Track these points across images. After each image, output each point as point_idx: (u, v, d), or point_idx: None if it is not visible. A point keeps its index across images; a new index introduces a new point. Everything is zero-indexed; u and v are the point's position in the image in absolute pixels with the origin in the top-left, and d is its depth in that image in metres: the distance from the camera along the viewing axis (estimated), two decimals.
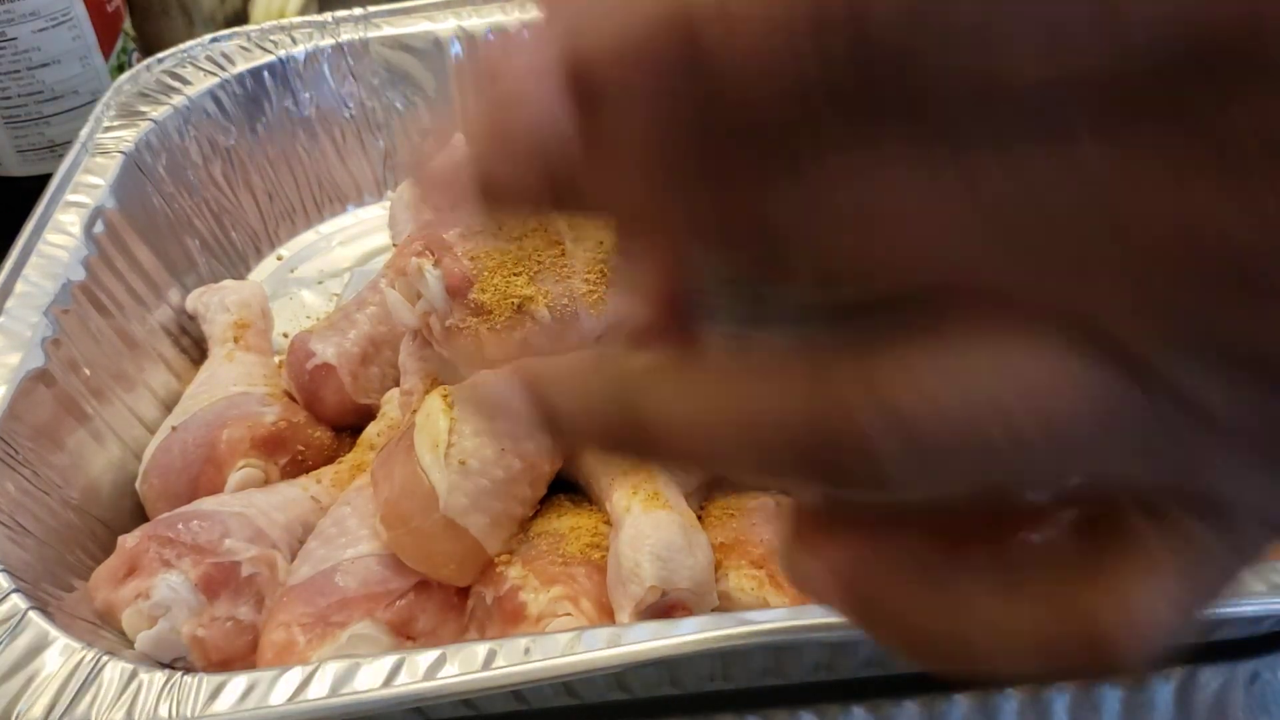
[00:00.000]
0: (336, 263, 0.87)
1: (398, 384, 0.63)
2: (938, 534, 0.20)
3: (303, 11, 1.09)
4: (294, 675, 0.44)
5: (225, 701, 0.44)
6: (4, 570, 0.51)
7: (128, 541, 0.54)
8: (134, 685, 0.45)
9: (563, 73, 0.16)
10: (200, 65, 0.85)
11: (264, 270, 0.86)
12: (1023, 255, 0.16)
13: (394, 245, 0.78)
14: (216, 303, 0.74)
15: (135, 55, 0.96)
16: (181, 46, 0.86)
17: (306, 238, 0.89)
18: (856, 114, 0.15)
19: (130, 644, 0.53)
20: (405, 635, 0.52)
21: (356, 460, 0.63)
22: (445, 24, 0.89)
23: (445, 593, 0.53)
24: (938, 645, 0.20)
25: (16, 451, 0.57)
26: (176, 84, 0.83)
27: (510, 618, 0.50)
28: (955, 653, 0.20)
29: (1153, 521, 0.18)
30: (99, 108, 0.80)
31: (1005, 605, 0.19)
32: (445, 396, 0.54)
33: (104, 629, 0.53)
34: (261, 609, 0.54)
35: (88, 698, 0.45)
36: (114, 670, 0.46)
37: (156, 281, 0.75)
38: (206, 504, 0.57)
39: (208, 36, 0.87)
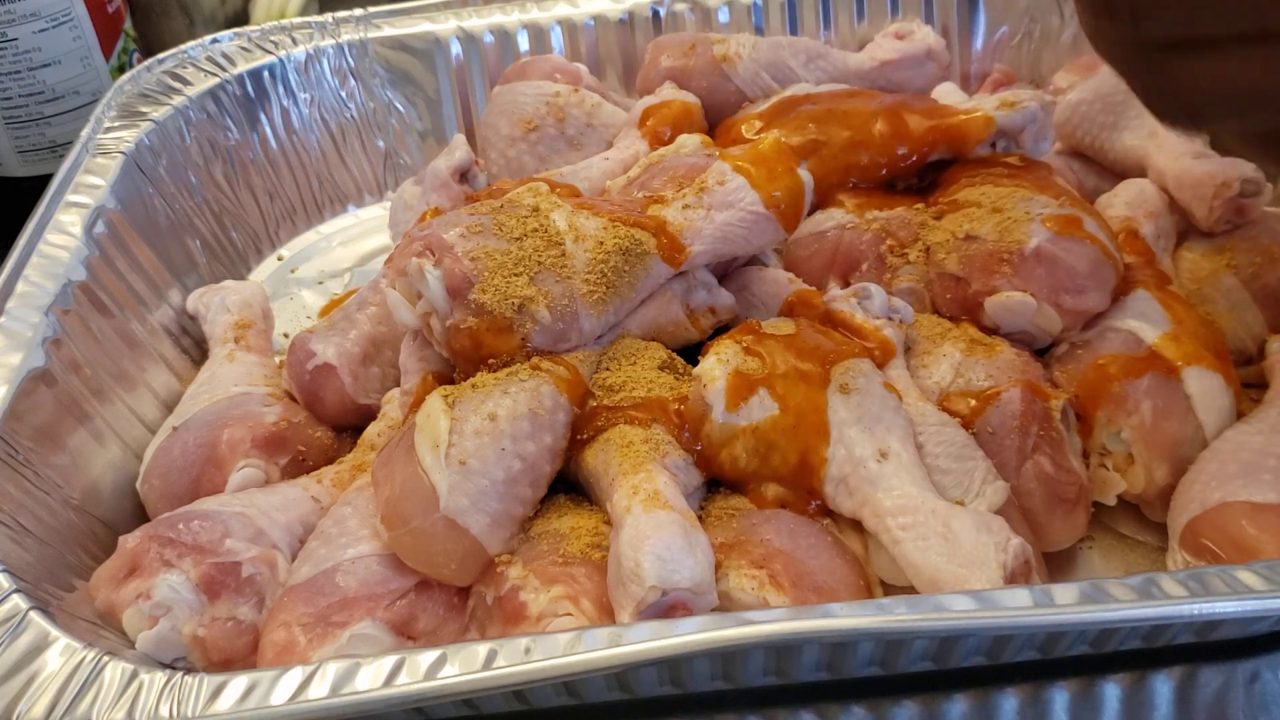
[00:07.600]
0: (337, 263, 0.87)
1: (398, 384, 0.63)
2: None
3: (303, 12, 1.09)
4: (295, 675, 0.44)
5: (226, 701, 0.44)
6: (5, 570, 0.51)
7: (128, 542, 0.55)
8: (135, 685, 0.45)
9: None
10: (201, 66, 0.85)
11: (265, 270, 0.86)
12: None
13: (394, 245, 0.78)
14: (217, 303, 0.74)
15: (136, 56, 0.96)
16: (182, 47, 0.86)
17: (307, 238, 0.89)
18: None
19: (131, 644, 0.53)
20: (406, 635, 0.52)
21: (357, 460, 0.63)
22: (445, 24, 0.90)
23: (446, 593, 0.54)
24: None
25: (17, 451, 0.57)
26: (177, 84, 0.83)
27: (511, 617, 0.50)
28: None
29: None
30: (100, 108, 0.80)
31: None
32: (446, 396, 0.54)
33: (105, 629, 0.54)
34: (262, 609, 0.54)
35: (89, 698, 0.45)
36: (115, 670, 0.46)
37: (157, 281, 0.75)
38: (207, 504, 0.57)
39: (208, 37, 0.88)
